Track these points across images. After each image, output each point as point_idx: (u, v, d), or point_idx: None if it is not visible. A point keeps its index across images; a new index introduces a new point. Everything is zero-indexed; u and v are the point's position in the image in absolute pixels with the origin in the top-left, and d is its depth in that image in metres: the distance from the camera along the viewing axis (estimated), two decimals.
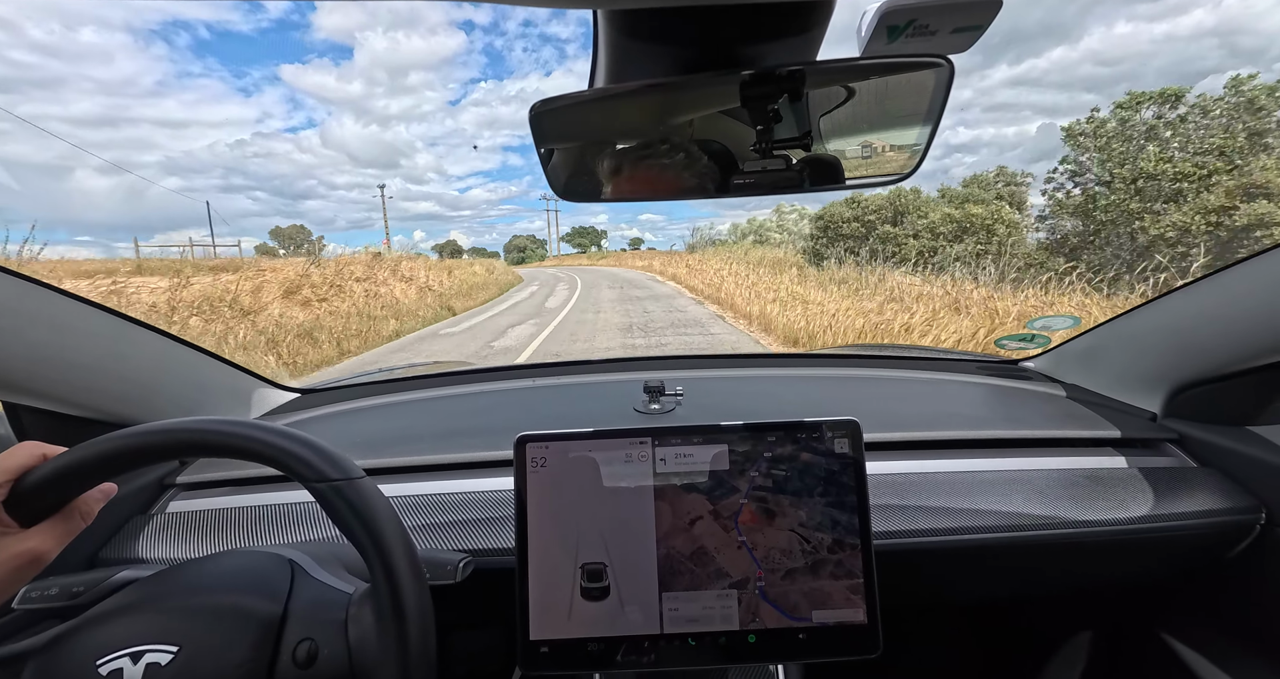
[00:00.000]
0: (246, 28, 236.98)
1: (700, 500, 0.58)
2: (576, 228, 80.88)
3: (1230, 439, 0.85)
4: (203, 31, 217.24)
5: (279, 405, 1.12)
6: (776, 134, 0.59)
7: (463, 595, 0.61)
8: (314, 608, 0.51)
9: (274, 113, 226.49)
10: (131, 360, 0.83)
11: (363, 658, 0.48)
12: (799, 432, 0.59)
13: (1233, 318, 0.80)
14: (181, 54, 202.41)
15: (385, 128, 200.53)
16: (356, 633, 0.49)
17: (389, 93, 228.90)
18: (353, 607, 0.51)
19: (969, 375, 1.21)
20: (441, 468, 0.86)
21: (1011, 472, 0.84)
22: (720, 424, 0.59)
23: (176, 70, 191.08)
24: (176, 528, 0.77)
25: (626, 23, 0.48)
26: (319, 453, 0.48)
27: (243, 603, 0.49)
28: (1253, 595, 0.83)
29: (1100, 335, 1.07)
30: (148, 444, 0.47)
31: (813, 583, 0.57)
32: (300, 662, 0.47)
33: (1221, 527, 0.78)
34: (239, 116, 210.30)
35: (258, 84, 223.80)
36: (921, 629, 1.24)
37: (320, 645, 0.48)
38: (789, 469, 0.59)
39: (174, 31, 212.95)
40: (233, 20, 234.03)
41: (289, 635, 0.48)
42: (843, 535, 0.58)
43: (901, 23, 0.43)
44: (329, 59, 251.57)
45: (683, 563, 0.57)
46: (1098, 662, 1.08)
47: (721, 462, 0.59)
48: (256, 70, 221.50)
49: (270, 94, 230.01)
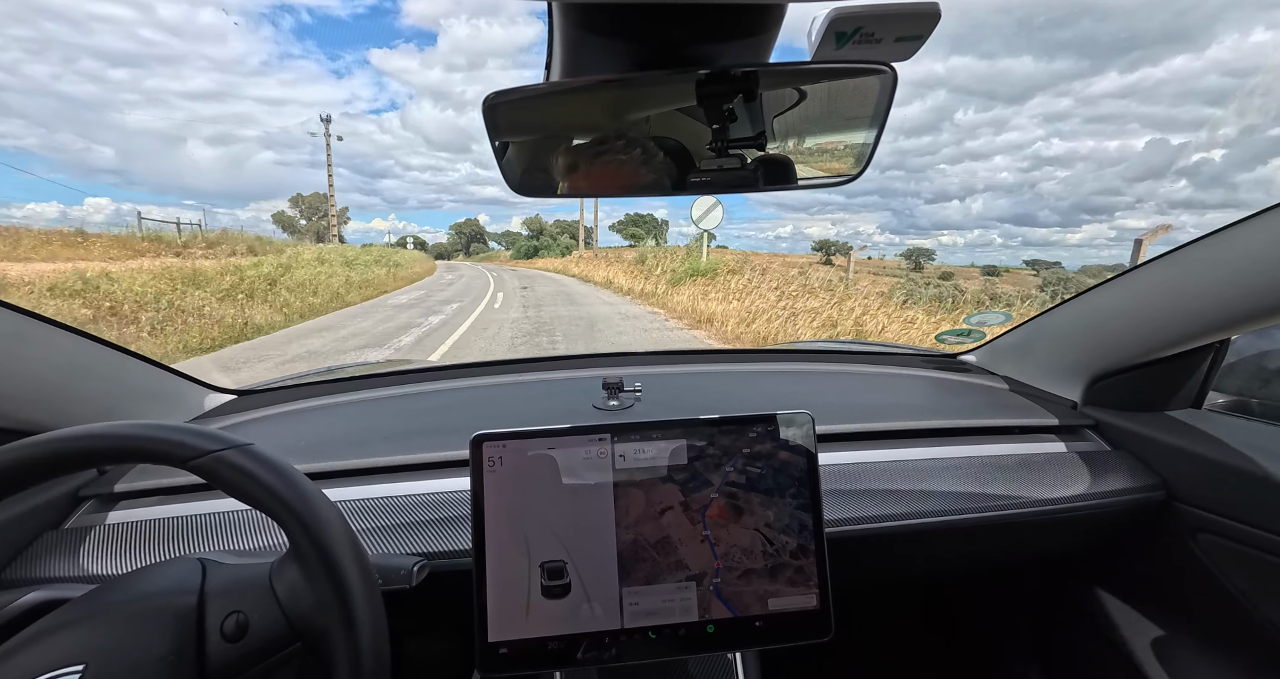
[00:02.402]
0: (343, 13, 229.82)
1: (673, 491, 0.59)
2: (631, 216, 72.31)
3: (1137, 424, 0.93)
4: (305, 15, 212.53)
5: (213, 408, 1.05)
6: (732, 133, 0.60)
7: (419, 600, 0.59)
8: (233, 584, 0.49)
9: (361, 95, 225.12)
10: (37, 362, 0.76)
11: (298, 610, 0.46)
12: (755, 425, 0.61)
13: (1141, 314, 0.88)
14: (285, 36, 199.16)
15: (460, 113, 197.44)
16: (284, 589, 0.47)
17: (466, 80, 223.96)
18: (274, 569, 0.49)
19: (913, 369, 1.27)
20: (394, 470, 0.83)
21: (951, 459, 0.89)
22: (678, 419, 0.60)
23: (279, 51, 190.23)
24: (92, 543, 0.71)
25: (581, 17, 0.48)
26: (188, 432, 0.46)
27: (151, 604, 0.46)
28: (1156, 561, 0.92)
29: (1028, 330, 1.15)
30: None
31: (768, 586, 0.58)
32: (230, 635, 0.45)
33: (1131, 503, 0.86)
34: (330, 97, 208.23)
35: (349, 67, 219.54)
36: (868, 608, 1.30)
37: (248, 614, 0.46)
38: (765, 467, 0.60)
39: (280, 14, 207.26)
40: (331, 5, 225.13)
41: (212, 615, 0.46)
42: (808, 541, 0.59)
43: (849, 29, 0.45)
44: (414, 44, 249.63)
45: (646, 550, 0.58)
46: (1025, 625, 1.17)
47: (680, 456, 0.59)
48: (349, 54, 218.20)
49: (359, 76, 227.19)
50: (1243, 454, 0.79)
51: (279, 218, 58.67)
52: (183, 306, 8.44)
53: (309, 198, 57.77)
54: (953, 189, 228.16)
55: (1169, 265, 0.82)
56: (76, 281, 8.43)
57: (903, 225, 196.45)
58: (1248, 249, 0.71)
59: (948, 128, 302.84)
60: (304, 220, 56.48)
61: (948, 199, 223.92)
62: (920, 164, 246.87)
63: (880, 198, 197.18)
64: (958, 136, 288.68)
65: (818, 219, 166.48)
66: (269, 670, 0.47)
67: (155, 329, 7.59)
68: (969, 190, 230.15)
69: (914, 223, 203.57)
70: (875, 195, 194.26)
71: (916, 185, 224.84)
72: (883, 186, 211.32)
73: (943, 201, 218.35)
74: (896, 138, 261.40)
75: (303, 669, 0.50)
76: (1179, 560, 0.87)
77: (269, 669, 0.47)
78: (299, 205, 57.98)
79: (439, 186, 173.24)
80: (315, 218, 54.57)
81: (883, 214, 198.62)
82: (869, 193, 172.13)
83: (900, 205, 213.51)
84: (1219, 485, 0.80)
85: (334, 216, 26.28)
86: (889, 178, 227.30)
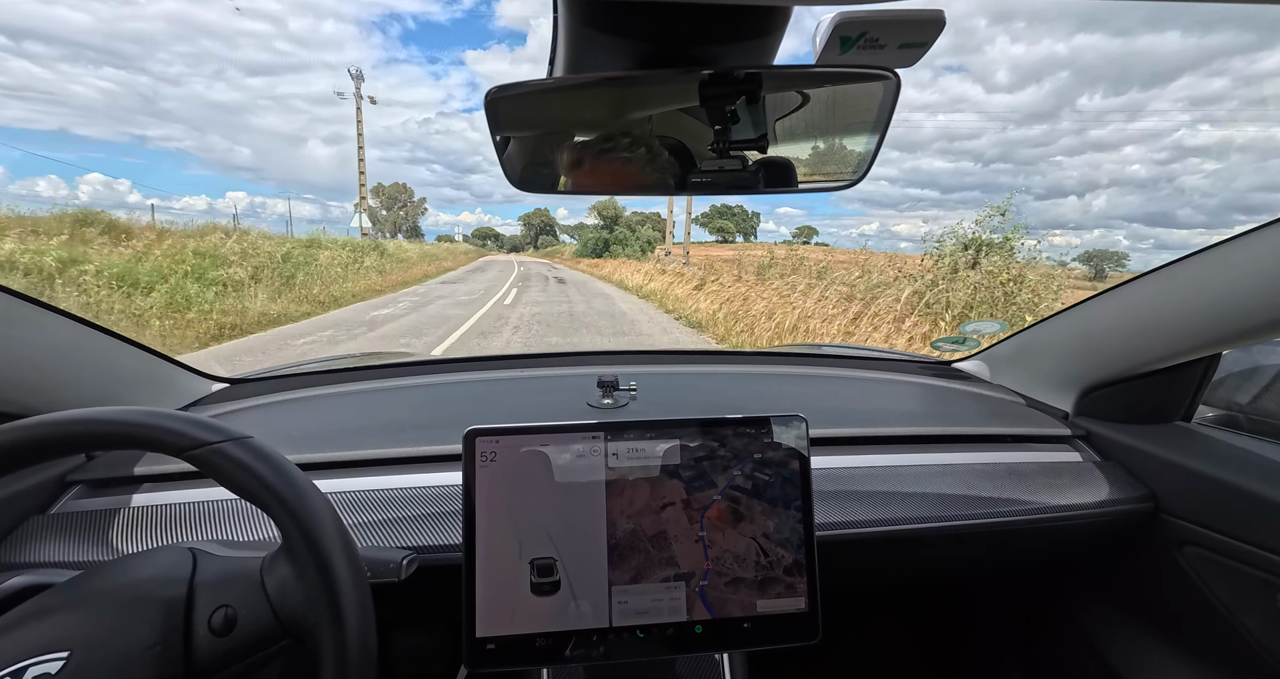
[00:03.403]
0: (443, 18, 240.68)
1: (678, 487, 0.59)
2: (717, 207, 67.83)
3: (1128, 436, 0.94)
4: (410, 22, 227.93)
5: (204, 396, 1.04)
6: (734, 135, 0.60)
7: (407, 594, 0.59)
8: (223, 577, 0.48)
9: (455, 94, 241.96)
10: (31, 345, 0.75)
11: (288, 607, 0.46)
12: (748, 427, 0.61)
13: (1134, 327, 0.88)
14: (391, 42, 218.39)
15: None
16: (274, 585, 0.46)
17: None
18: (266, 564, 0.48)
19: (907, 375, 1.28)
20: (386, 462, 0.82)
21: (941, 466, 0.90)
22: (673, 419, 0.60)
23: (386, 56, 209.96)
24: (79, 528, 0.71)
25: (587, 13, 0.48)
26: (188, 421, 0.45)
27: (140, 593, 0.46)
28: (1142, 572, 0.92)
29: (1022, 340, 1.16)
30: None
31: (754, 597, 0.58)
32: (218, 629, 0.45)
33: (1119, 514, 0.87)
34: (428, 98, 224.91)
35: (445, 69, 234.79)
36: (856, 612, 1.31)
37: (237, 609, 0.46)
38: (774, 475, 0.60)
39: (389, 22, 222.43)
40: (433, 11, 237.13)
41: (200, 608, 0.46)
42: (803, 557, 0.59)
43: (853, 34, 0.45)
44: (505, 45, 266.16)
45: (642, 542, 0.58)
46: (1012, 632, 1.17)
47: (674, 456, 0.59)
48: (446, 56, 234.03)
49: (455, 77, 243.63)
50: (1230, 468, 0.80)
51: (359, 208, 60.54)
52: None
53: (389, 188, 58.93)
54: (1069, 184, 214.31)
55: (1162, 279, 0.82)
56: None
57: (1006, 223, 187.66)
58: (1240, 266, 0.71)
59: (1068, 115, 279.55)
60: (384, 211, 56.93)
61: (1062, 195, 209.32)
62: (1031, 156, 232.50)
63: (982, 193, 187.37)
64: (1080, 124, 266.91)
65: (906, 216, 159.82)
66: (255, 666, 0.47)
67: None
68: (1090, 185, 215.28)
69: (1020, 221, 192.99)
70: (976, 190, 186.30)
71: (1026, 179, 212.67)
72: (985, 181, 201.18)
73: (1056, 198, 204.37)
74: (1005, 127, 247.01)
75: (288, 666, 0.49)
76: (1165, 572, 0.88)
77: (255, 665, 0.47)
78: (379, 196, 58.51)
79: None
80: (395, 208, 54.90)
81: (982, 211, 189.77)
82: (968, 188, 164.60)
83: (1005, 201, 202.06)
84: (1206, 499, 0.81)
85: (363, 199, 21.55)
86: (993, 171, 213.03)
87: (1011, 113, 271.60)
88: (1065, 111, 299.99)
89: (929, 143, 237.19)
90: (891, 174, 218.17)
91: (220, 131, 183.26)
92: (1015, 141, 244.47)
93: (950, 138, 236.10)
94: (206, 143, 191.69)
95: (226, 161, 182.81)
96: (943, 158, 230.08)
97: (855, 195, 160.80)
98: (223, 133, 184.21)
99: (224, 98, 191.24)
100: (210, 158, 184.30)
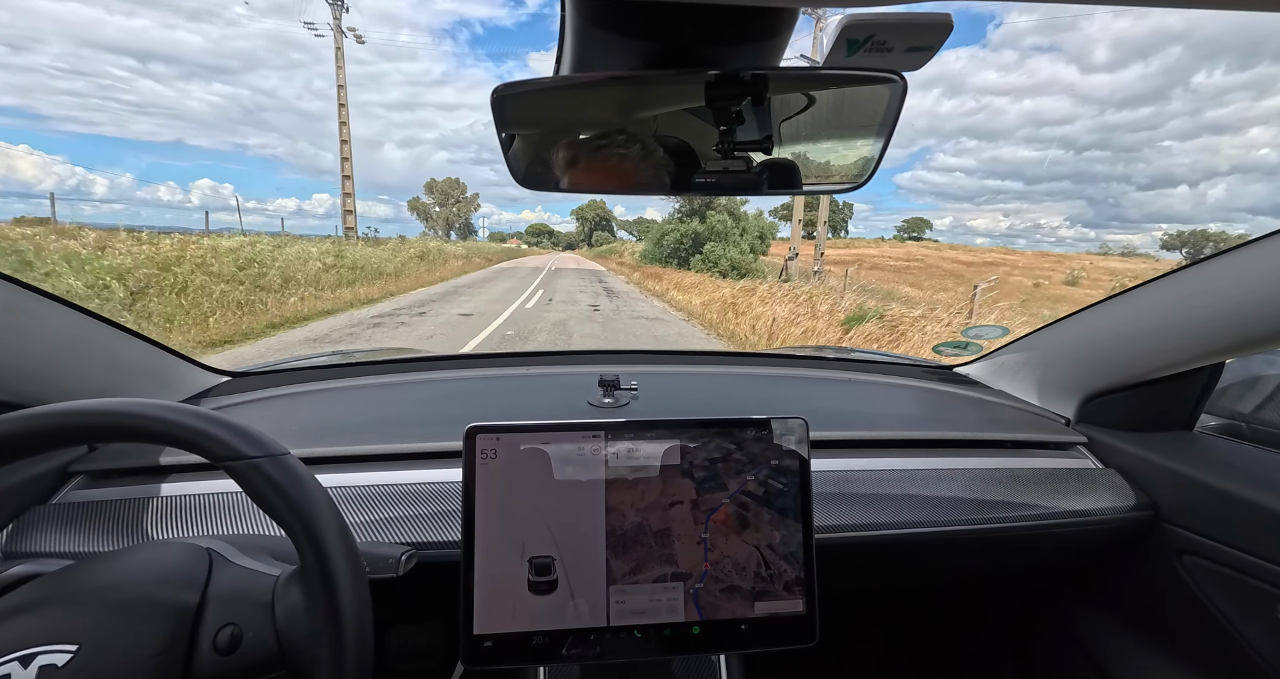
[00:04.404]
0: (509, 22, 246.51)
1: (688, 486, 0.59)
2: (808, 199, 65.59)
3: (1129, 443, 0.93)
4: (478, 28, 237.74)
5: (206, 389, 1.04)
6: (738, 136, 0.60)
7: (405, 589, 0.59)
8: (235, 592, 0.48)
9: None
10: (35, 335, 0.76)
11: (292, 637, 0.45)
12: (749, 428, 0.61)
13: (1137, 334, 0.88)
14: (461, 47, 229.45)
15: None
16: (283, 612, 0.46)
17: None
18: (279, 587, 0.48)
19: (909, 379, 1.27)
20: (386, 458, 0.83)
21: (941, 470, 0.89)
22: (673, 419, 0.60)
23: (456, 62, 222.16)
24: (81, 519, 0.71)
25: (594, 12, 0.48)
26: (233, 430, 0.45)
27: (153, 594, 0.45)
28: (1142, 579, 0.92)
29: (1025, 345, 1.16)
30: (33, 429, 0.43)
31: (744, 609, 0.58)
32: (222, 648, 0.45)
33: (1119, 522, 0.86)
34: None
35: (510, 71, 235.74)
36: (853, 615, 1.31)
37: (244, 629, 0.45)
38: (788, 484, 0.59)
39: (459, 29, 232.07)
40: (500, 16, 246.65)
41: (208, 622, 0.45)
42: (803, 573, 0.59)
43: (861, 37, 0.45)
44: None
45: (646, 536, 0.58)
46: (1009, 637, 1.17)
47: (673, 457, 0.59)
48: (512, 60, 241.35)
49: (519, 77, 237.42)
50: (1231, 478, 0.80)
51: (414, 205, 59.44)
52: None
53: (441, 184, 58.64)
54: (1180, 172, 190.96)
55: (1166, 287, 0.82)
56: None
57: (1101, 217, 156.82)
58: (1244, 274, 0.71)
59: (1180, 95, 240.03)
60: (437, 207, 56.74)
61: (1172, 184, 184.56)
62: (1134, 141, 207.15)
63: (1073, 184, 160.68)
64: (1194, 105, 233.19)
65: (984, 210, 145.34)
66: None
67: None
68: (1206, 173, 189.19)
69: (1119, 214, 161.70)
70: (1067, 181, 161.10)
71: (1127, 168, 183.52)
72: (1078, 170, 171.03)
73: (1164, 187, 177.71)
74: (1103, 110, 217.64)
75: None
76: (1164, 580, 0.88)
77: None
78: (432, 192, 58.36)
79: None
80: (449, 203, 54.61)
81: (1074, 203, 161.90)
82: (1058, 178, 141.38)
83: (1101, 192, 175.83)
84: (1207, 508, 0.81)
85: (348, 178, 16.72)
86: (1087, 160, 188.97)
87: (1111, 94, 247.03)
88: (1177, 91, 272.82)
89: (1013, 130, 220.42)
90: (969, 165, 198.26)
91: (308, 138, 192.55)
92: (1115, 126, 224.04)
93: (1038, 123, 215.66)
94: (296, 149, 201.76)
95: (313, 166, 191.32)
96: (1028, 146, 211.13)
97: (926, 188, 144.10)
98: (310, 140, 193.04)
99: (310, 106, 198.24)
100: (300, 163, 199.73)
